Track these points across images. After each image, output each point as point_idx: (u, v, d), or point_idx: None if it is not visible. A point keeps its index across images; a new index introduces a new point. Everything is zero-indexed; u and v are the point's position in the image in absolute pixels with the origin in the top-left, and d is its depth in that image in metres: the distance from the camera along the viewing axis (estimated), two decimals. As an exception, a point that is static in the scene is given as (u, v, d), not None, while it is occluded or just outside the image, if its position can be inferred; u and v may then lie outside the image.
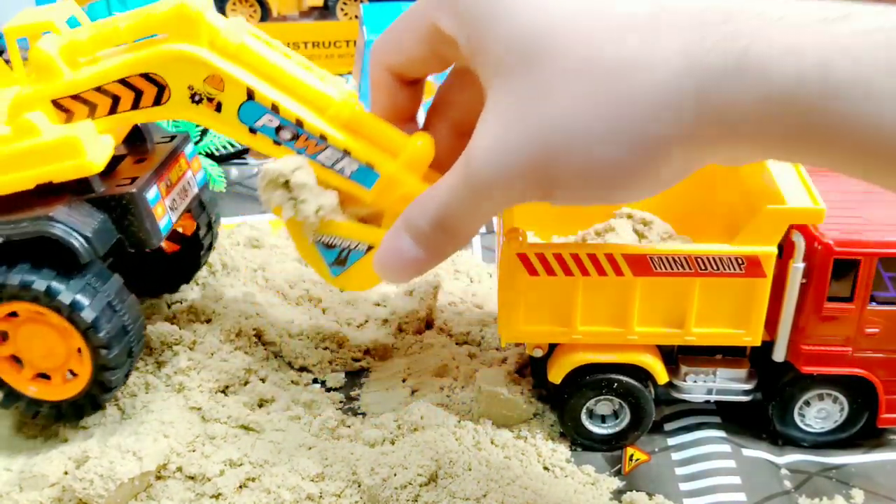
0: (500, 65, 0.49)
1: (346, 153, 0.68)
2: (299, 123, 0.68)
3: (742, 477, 0.77)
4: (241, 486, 0.74)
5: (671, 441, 0.82)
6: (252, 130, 0.70)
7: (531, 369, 0.85)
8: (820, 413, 0.81)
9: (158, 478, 0.75)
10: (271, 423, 0.81)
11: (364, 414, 0.85)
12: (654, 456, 0.81)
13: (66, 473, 0.74)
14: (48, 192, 0.74)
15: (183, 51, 0.68)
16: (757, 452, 0.80)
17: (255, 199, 1.23)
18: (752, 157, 0.47)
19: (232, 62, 0.68)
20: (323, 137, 0.68)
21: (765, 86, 0.42)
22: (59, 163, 0.72)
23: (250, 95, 0.69)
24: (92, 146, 0.72)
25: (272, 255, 1.06)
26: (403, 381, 0.88)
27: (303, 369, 0.90)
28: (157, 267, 0.93)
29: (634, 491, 0.76)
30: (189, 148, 0.86)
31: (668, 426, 0.84)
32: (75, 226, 0.73)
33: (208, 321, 0.90)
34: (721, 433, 0.82)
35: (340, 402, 0.87)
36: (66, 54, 0.72)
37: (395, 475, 0.74)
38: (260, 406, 0.84)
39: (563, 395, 0.80)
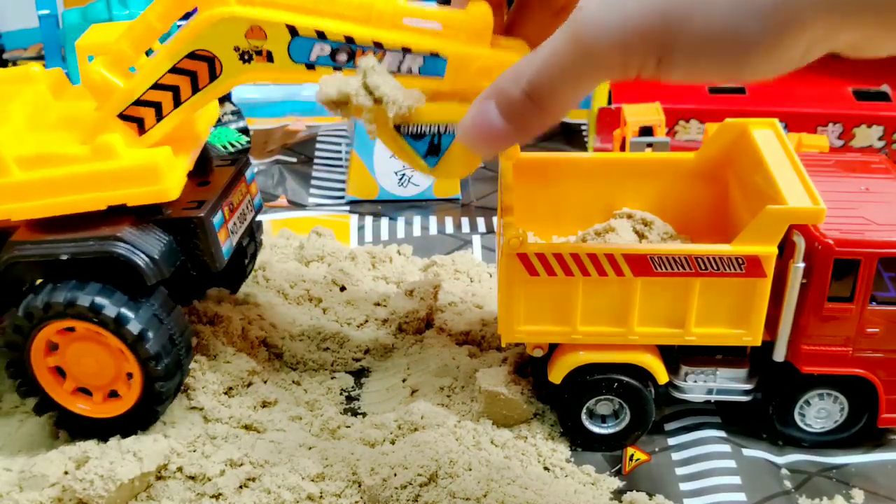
0: None
1: (406, 50, 0.67)
2: (350, 40, 0.68)
3: (742, 477, 0.77)
4: (241, 486, 0.74)
5: (671, 441, 0.82)
6: (309, 66, 0.69)
7: (531, 369, 0.85)
8: (820, 413, 0.81)
9: (159, 478, 0.75)
10: (272, 423, 0.81)
11: (364, 414, 0.85)
12: (655, 456, 0.81)
13: (66, 473, 0.74)
14: (116, 213, 0.74)
15: (217, 15, 0.68)
16: (757, 452, 0.80)
17: (256, 198, 1.23)
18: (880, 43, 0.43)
19: (263, 7, 0.68)
20: (378, 44, 0.67)
21: None
22: (137, 188, 0.72)
23: (293, 32, 0.68)
24: (170, 172, 0.73)
25: (273, 255, 1.06)
26: (403, 381, 0.88)
27: (304, 370, 0.90)
28: (195, 283, 0.92)
29: (634, 491, 0.76)
30: (249, 172, 0.86)
31: (668, 426, 0.84)
32: (142, 247, 0.73)
33: (210, 323, 0.90)
34: (721, 433, 0.82)
35: (341, 402, 0.87)
36: (114, 68, 0.72)
37: (395, 475, 0.74)
38: (263, 406, 0.84)
39: (564, 396, 0.80)
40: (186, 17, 0.72)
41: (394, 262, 1.07)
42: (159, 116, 0.72)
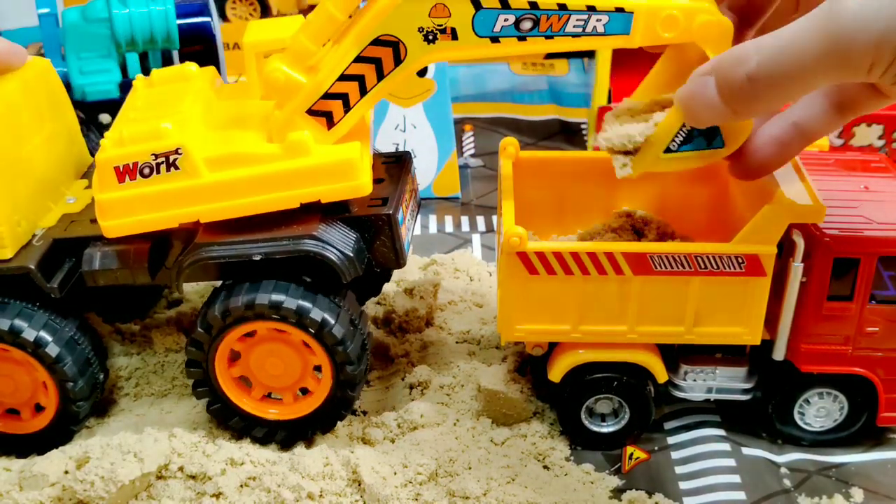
0: None
1: (591, 9, 0.66)
2: (533, 5, 0.67)
3: (742, 475, 0.77)
4: (241, 486, 0.74)
5: (671, 440, 0.82)
6: (494, 39, 0.68)
7: (531, 368, 0.85)
8: (820, 412, 0.81)
9: (159, 477, 0.75)
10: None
11: (364, 413, 0.85)
12: (654, 454, 0.81)
13: (66, 473, 0.74)
14: (303, 213, 0.73)
15: None
16: (756, 451, 0.80)
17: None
18: None
19: None
20: (562, 6, 0.67)
21: None
22: (332, 184, 0.72)
23: (476, 5, 0.67)
24: (363, 167, 0.72)
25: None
26: (403, 379, 0.88)
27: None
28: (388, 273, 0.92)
29: (634, 489, 0.76)
30: (413, 168, 0.85)
31: (667, 425, 0.84)
32: (337, 245, 0.73)
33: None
34: (721, 432, 0.82)
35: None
36: (295, 65, 0.71)
37: (395, 474, 0.74)
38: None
39: (563, 394, 0.80)
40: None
41: (393, 260, 1.06)
42: (347, 108, 0.72)
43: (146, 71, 1.18)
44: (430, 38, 0.69)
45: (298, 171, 0.71)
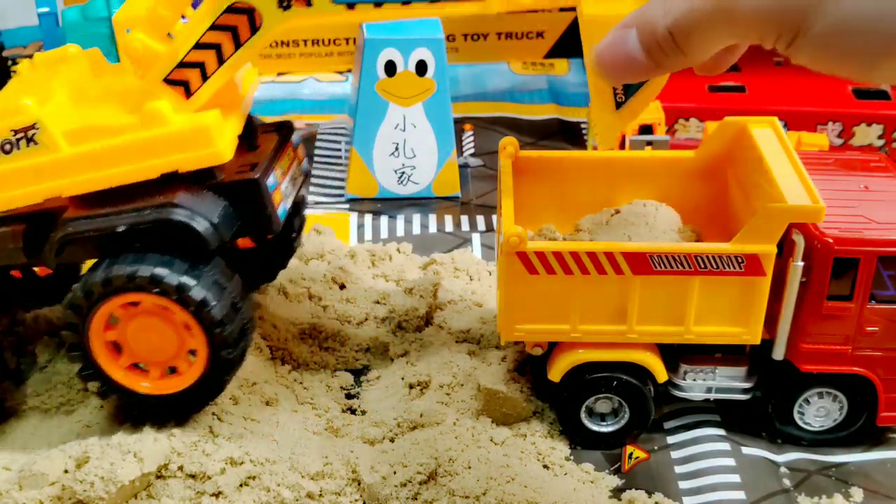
0: None
1: None
2: None
3: (741, 475, 0.77)
4: (241, 485, 0.74)
5: (670, 439, 0.82)
6: (350, 5, 0.68)
7: (530, 367, 0.85)
8: (819, 411, 0.81)
9: (159, 476, 0.75)
10: (273, 421, 0.81)
11: (364, 412, 0.85)
12: (654, 454, 0.81)
13: (66, 472, 0.74)
14: (169, 181, 0.72)
15: None
16: (756, 451, 0.81)
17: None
18: None
19: None
20: None
21: None
22: (189, 152, 0.71)
23: None
24: (221, 135, 0.71)
25: (272, 253, 1.06)
26: (402, 378, 0.88)
27: (305, 369, 0.90)
28: (247, 258, 0.90)
29: (634, 489, 0.76)
30: (295, 137, 0.85)
31: (667, 424, 0.84)
32: (201, 212, 0.72)
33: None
34: (720, 431, 0.82)
35: (341, 400, 0.87)
36: (153, 35, 0.71)
37: (394, 473, 0.74)
38: (266, 405, 0.84)
39: (563, 394, 0.80)
40: None
41: (393, 260, 1.07)
42: (204, 77, 0.71)
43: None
44: (285, 4, 0.68)
45: (155, 141, 0.71)
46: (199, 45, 0.70)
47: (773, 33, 0.46)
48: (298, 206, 0.91)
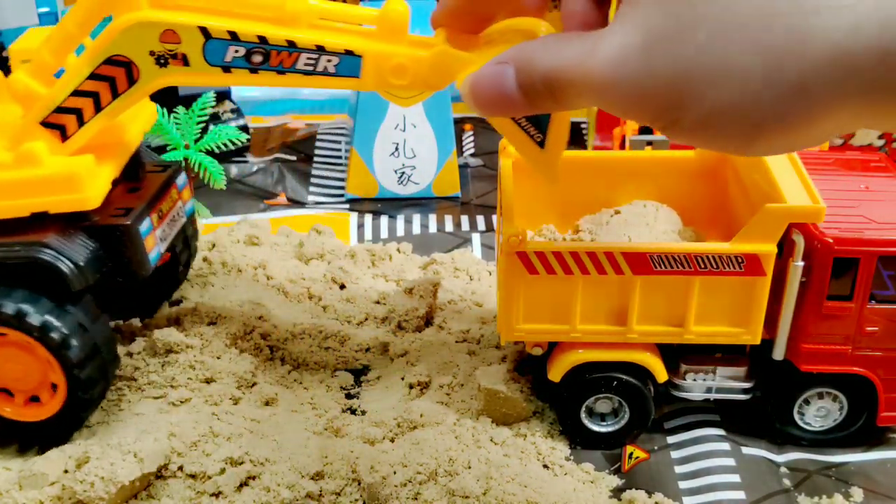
0: None
1: (321, 49, 0.66)
2: (263, 40, 0.67)
3: (741, 475, 0.77)
4: (241, 485, 0.74)
5: (671, 439, 0.82)
6: (226, 69, 0.69)
7: (530, 367, 0.85)
8: (819, 411, 0.81)
9: (159, 476, 0.75)
10: (273, 422, 0.81)
11: (364, 412, 0.85)
12: (654, 454, 0.81)
13: (66, 472, 0.74)
14: (44, 218, 0.74)
15: (128, 21, 0.68)
16: (756, 451, 0.81)
17: (255, 196, 1.23)
18: None
19: (175, 11, 0.68)
20: (291, 43, 0.66)
21: None
22: (59, 195, 0.73)
23: (206, 34, 0.67)
24: (91, 181, 0.73)
25: (273, 253, 1.06)
26: (402, 378, 0.88)
27: (305, 369, 0.90)
28: (127, 291, 0.92)
29: (634, 489, 0.76)
30: (181, 179, 0.87)
31: (667, 424, 0.84)
32: (67, 253, 0.74)
33: (213, 323, 0.90)
34: (720, 431, 0.82)
35: (341, 400, 0.87)
36: (37, 75, 0.73)
37: (394, 473, 0.74)
38: (267, 405, 0.84)
39: (563, 394, 0.80)
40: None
41: (393, 260, 1.07)
42: (81, 123, 0.73)
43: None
44: (162, 62, 0.69)
45: (28, 181, 0.72)
46: (77, 92, 0.71)
47: (643, 122, 0.46)
48: (188, 239, 0.93)
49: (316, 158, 1.32)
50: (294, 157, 1.32)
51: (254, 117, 1.41)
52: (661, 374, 0.79)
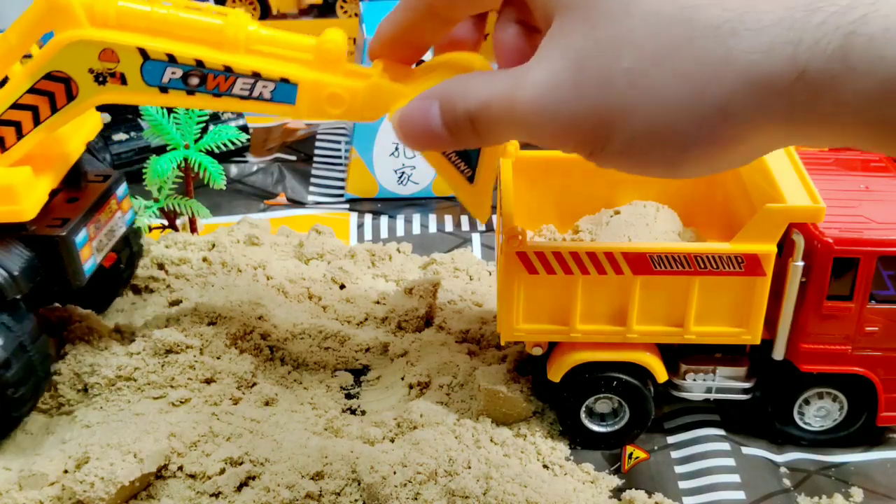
0: (565, 5, 0.44)
1: (257, 75, 0.67)
2: (200, 63, 0.67)
3: (741, 475, 0.77)
4: (241, 485, 0.74)
5: (670, 439, 0.82)
6: (163, 89, 0.69)
7: (530, 367, 0.85)
8: (819, 411, 0.81)
9: (159, 477, 0.75)
10: (273, 421, 0.81)
11: (364, 412, 0.85)
12: (654, 454, 0.81)
13: (66, 472, 0.74)
14: None
15: (68, 38, 0.68)
16: (756, 451, 0.81)
17: (255, 196, 1.23)
18: (839, 143, 0.42)
19: (115, 30, 0.68)
20: (228, 68, 0.67)
21: (879, 70, 0.37)
22: None
23: (145, 55, 0.68)
24: (27, 193, 0.74)
25: (272, 253, 1.06)
26: (402, 378, 0.88)
27: (305, 369, 0.90)
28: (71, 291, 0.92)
29: (634, 489, 0.76)
30: (122, 189, 0.88)
31: (667, 424, 0.84)
32: (2, 262, 0.75)
33: (213, 323, 0.90)
34: (720, 431, 0.82)
35: (341, 400, 0.87)
36: None
37: (394, 473, 0.74)
38: (267, 405, 0.84)
39: (563, 394, 0.80)
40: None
41: (393, 260, 1.07)
42: (20, 135, 0.73)
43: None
44: (101, 79, 0.70)
45: None
46: (16, 105, 0.72)
47: (570, 150, 0.47)
48: (128, 239, 0.93)
49: (316, 158, 1.32)
50: (294, 157, 1.32)
51: (254, 117, 1.41)
52: (661, 374, 0.79)
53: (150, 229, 1.05)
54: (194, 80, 0.68)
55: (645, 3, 0.41)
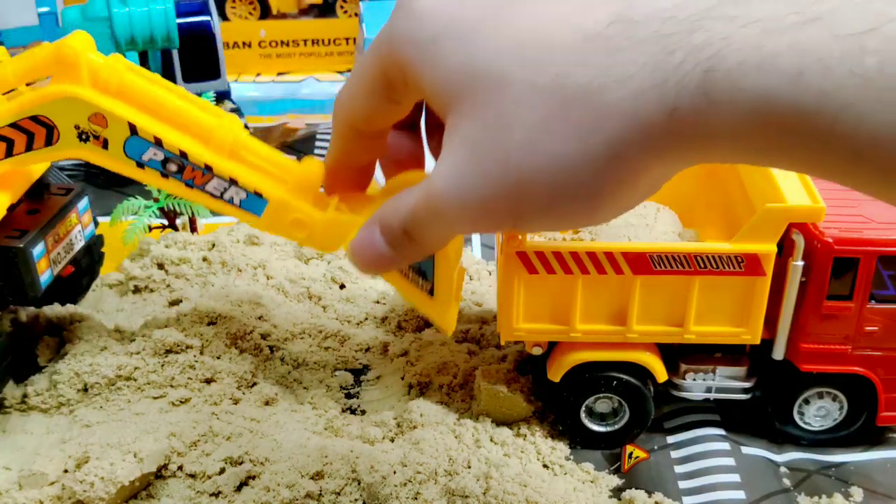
0: (452, 101, 0.48)
1: (233, 181, 0.69)
2: (183, 154, 0.69)
3: (741, 475, 0.77)
4: (241, 485, 0.74)
5: (670, 439, 0.82)
6: (140, 165, 0.71)
7: (530, 367, 0.85)
8: (819, 411, 0.81)
9: (159, 476, 0.75)
10: (273, 421, 0.81)
11: (364, 412, 0.85)
12: (654, 454, 0.81)
13: (66, 472, 0.74)
14: None
15: (65, 91, 0.69)
16: (756, 450, 0.81)
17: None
18: (730, 161, 0.45)
19: (113, 99, 0.69)
20: (208, 167, 0.69)
21: (739, 102, 0.39)
22: None
23: (133, 130, 0.69)
24: None
25: (272, 253, 1.06)
26: (402, 378, 0.88)
27: (305, 368, 0.90)
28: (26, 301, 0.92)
29: (634, 489, 0.76)
30: (83, 203, 0.89)
31: (667, 424, 0.84)
32: None
33: (213, 323, 0.90)
34: (720, 431, 0.82)
35: (341, 400, 0.87)
36: None
37: (394, 473, 0.74)
38: (267, 405, 0.84)
39: (563, 394, 0.80)
40: None
41: (393, 260, 1.06)
42: None
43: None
44: (84, 137, 0.70)
45: None
46: None
47: (495, 231, 0.53)
48: (90, 249, 0.94)
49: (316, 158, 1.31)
50: (294, 157, 1.32)
51: (254, 117, 1.41)
52: (661, 374, 0.79)
53: (150, 229, 1.05)
54: (173, 167, 0.69)
55: (518, 81, 0.44)
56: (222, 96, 1.29)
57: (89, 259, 0.94)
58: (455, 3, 0.47)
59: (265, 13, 1.65)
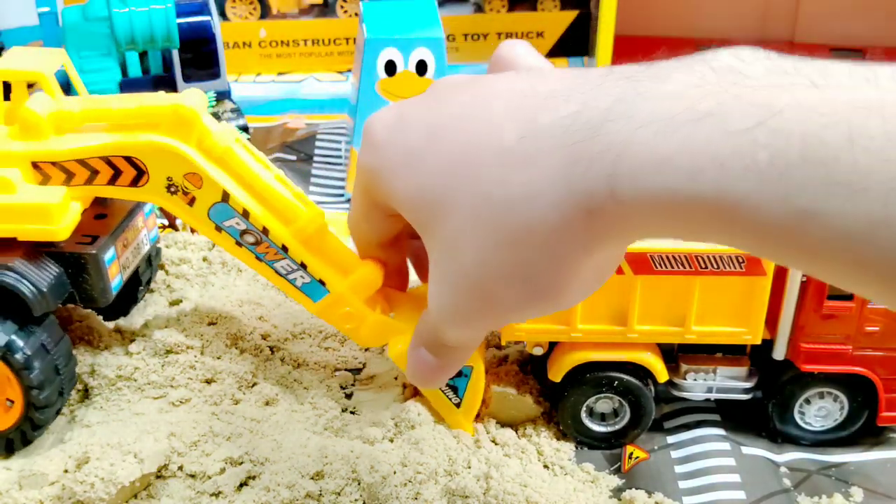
0: (417, 225, 0.52)
1: (303, 266, 0.72)
2: (265, 231, 0.72)
3: (741, 475, 0.77)
4: (241, 485, 0.74)
5: (671, 439, 0.82)
6: (218, 228, 0.73)
7: (531, 367, 0.85)
8: (820, 411, 0.81)
9: (159, 476, 0.75)
10: (273, 421, 0.81)
11: (364, 412, 0.85)
12: (654, 454, 0.81)
13: (66, 472, 0.74)
14: (11, 242, 0.75)
15: (172, 145, 0.71)
16: (756, 450, 0.81)
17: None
18: (666, 237, 0.48)
19: (215, 164, 0.71)
20: (285, 248, 0.72)
21: (644, 199, 0.41)
22: (30, 224, 0.74)
23: (224, 198, 0.71)
24: (62, 214, 0.74)
25: (272, 253, 1.06)
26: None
27: (306, 368, 0.90)
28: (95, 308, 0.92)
29: (634, 489, 0.76)
30: (147, 206, 0.89)
31: (667, 424, 0.84)
32: (31, 278, 0.75)
33: (213, 323, 0.90)
34: (721, 431, 0.82)
35: (341, 400, 0.87)
36: (54, 120, 0.74)
37: (394, 473, 0.74)
38: (267, 405, 0.84)
39: (563, 394, 0.80)
40: None
41: (393, 260, 1.06)
42: (66, 183, 0.74)
43: (146, 70, 1.18)
44: (172, 190, 0.72)
45: (1, 207, 0.73)
46: (81, 161, 0.73)
47: (483, 333, 0.57)
48: (150, 259, 0.94)
49: (316, 158, 1.32)
50: (294, 157, 1.32)
51: (254, 117, 1.41)
52: (662, 374, 0.79)
53: (151, 229, 1.05)
54: (250, 239, 0.73)
55: (459, 206, 0.48)
56: (222, 96, 1.29)
57: (147, 266, 0.93)
58: (402, 133, 0.52)
59: (265, 13, 1.65)
